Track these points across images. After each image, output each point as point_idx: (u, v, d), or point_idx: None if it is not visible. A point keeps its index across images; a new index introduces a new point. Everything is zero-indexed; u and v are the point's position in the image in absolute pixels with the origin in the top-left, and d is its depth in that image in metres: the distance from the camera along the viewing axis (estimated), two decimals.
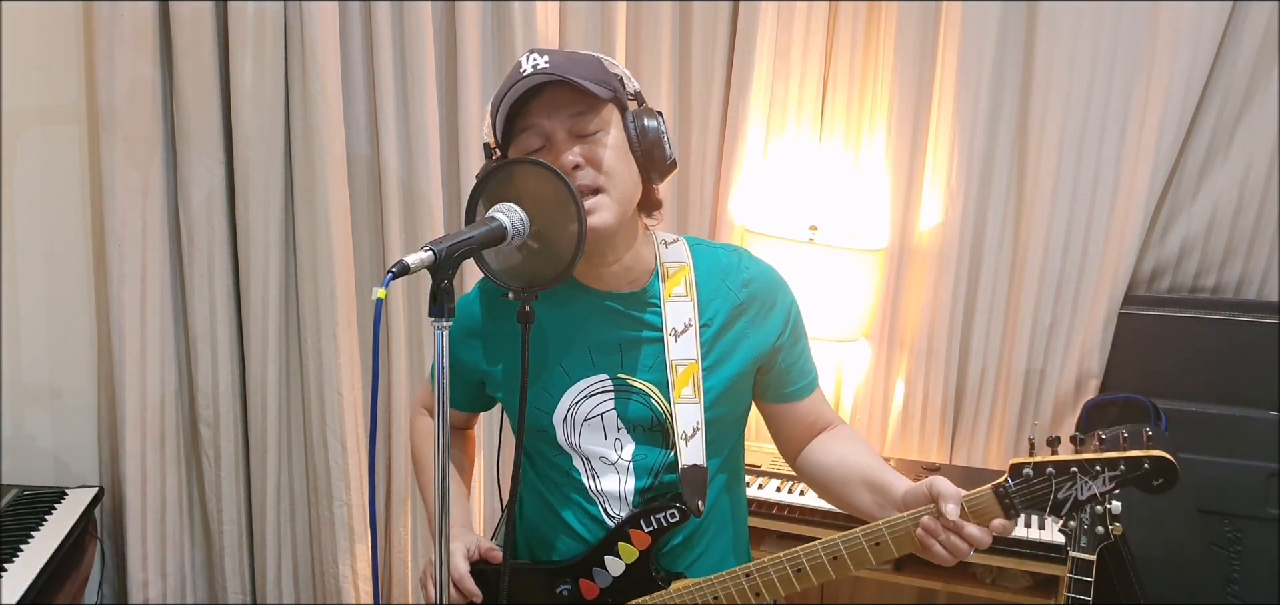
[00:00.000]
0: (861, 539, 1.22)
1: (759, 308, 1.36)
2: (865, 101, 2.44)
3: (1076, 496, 1.13)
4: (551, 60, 1.21)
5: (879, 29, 2.39)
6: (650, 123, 1.26)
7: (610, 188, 1.22)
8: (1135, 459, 1.11)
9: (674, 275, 1.34)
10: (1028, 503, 1.15)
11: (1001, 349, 2.37)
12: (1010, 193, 2.32)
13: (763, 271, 1.39)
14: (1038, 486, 1.14)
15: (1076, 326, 2.29)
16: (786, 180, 2.48)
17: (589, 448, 1.34)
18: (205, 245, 2.27)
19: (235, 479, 2.39)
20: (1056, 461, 1.13)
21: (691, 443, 1.30)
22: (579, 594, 1.36)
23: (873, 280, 2.36)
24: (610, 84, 1.25)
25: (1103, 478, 1.11)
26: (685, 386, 1.31)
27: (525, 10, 2.24)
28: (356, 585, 2.43)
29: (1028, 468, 1.14)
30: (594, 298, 1.33)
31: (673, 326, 1.32)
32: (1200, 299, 2.21)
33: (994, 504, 1.16)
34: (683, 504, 1.29)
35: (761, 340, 1.35)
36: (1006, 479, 1.16)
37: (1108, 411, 2.13)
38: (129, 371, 2.22)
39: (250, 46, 2.17)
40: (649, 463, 1.34)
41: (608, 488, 1.34)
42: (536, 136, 1.23)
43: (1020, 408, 2.37)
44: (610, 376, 1.33)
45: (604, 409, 1.33)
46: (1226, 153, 2.19)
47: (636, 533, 1.32)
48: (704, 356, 1.32)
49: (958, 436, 2.45)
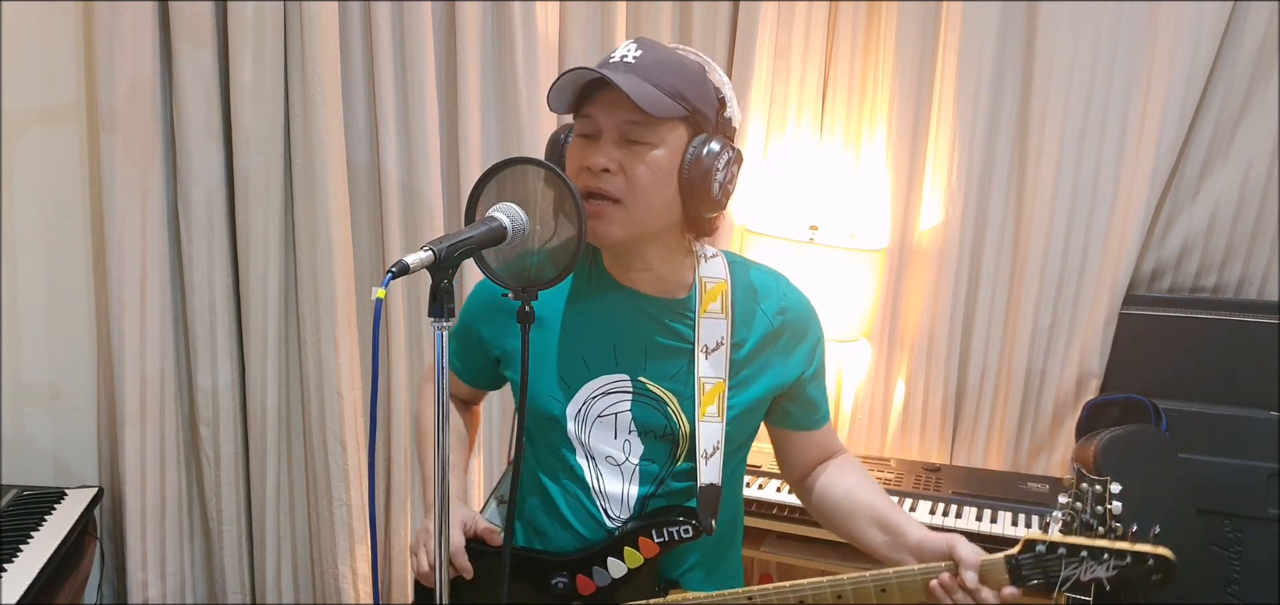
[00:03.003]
0: (869, 583, 1.25)
1: (790, 337, 1.36)
2: (865, 101, 2.44)
3: (1079, 577, 1.21)
4: (642, 57, 1.20)
5: (879, 29, 2.40)
6: (710, 151, 1.23)
7: (631, 204, 1.22)
8: (1141, 553, 1.19)
9: (711, 291, 1.34)
10: (1037, 574, 1.22)
11: (1001, 349, 2.37)
12: (1010, 193, 2.32)
13: (798, 302, 1.39)
14: (1049, 564, 1.22)
15: (1077, 326, 2.29)
16: (787, 180, 2.48)
17: (597, 446, 1.34)
18: (205, 245, 2.27)
19: (235, 479, 2.39)
20: (1069, 543, 1.21)
21: (711, 461, 1.31)
22: (575, 588, 1.35)
23: (873, 280, 2.36)
24: (691, 99, 1.22)
25: (1108, 564, 1.20)
26: (711, 405, 1.31)
27: (525, 10, 2.24)
28: (356, 585, 2.42)
29: (1041, 545, 1.22)
30: (627, 297, 1.33)
31: (706, 343, 1.32)
32: (1200, 299, 2.21)
33: (1005, 573, 1.22)
34: (697, 521, 1.30)
35: (788, 370, 1.36)
36: (1020, 551, 1.22)
37: (1108, 411, 2.13)
38: (129, 371, 2.22)
39: (250, 46, 2.17)
40: (655, 470, 1.33)
41: (611, 489, 1.34)
42: (590, 125, 1.24)
43: (1020, 408, 2.36)
44: (631, 378, 1.33)
45: (619, 409, 1.33)
46: (1226, 153, 2.19)
47: (646, 541, 1.32)
48: (731, 377, 1.32)
49: (958, 436, 2.45)
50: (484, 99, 2.31)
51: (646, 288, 1.32)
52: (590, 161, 1.22)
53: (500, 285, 1.13)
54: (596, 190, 1.22)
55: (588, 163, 1.22)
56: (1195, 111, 2.16)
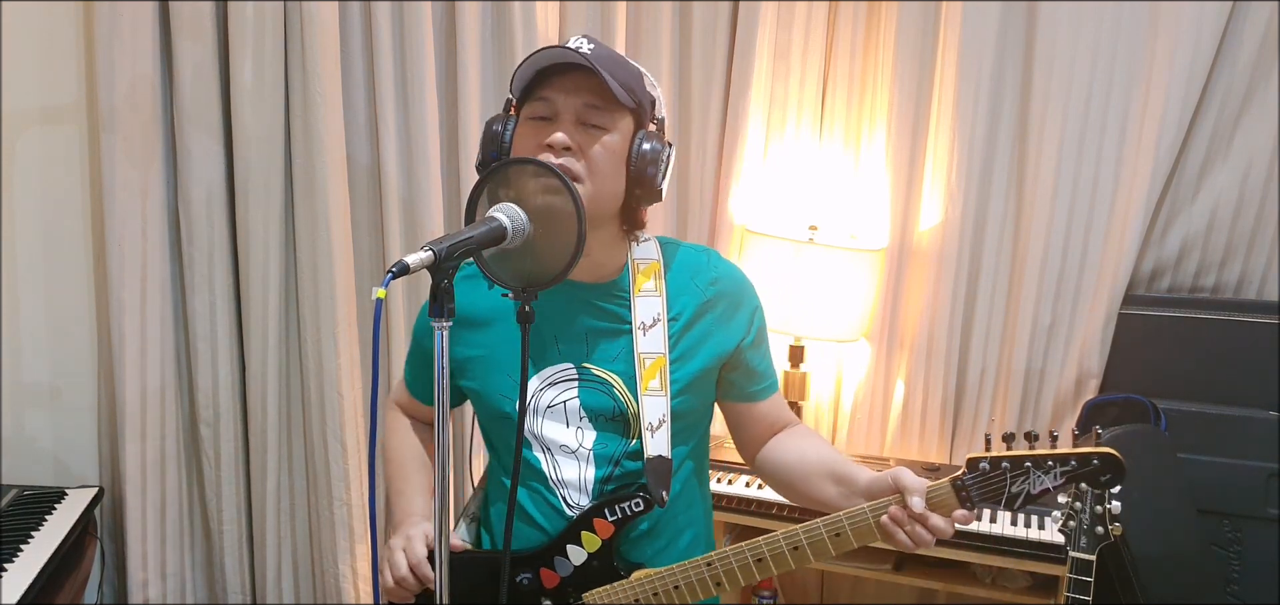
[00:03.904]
0: (822, 529, 1.26)
1: (726, 306, 1.38)
2: (865, 101, 2.44)
3: (1029, 490, 1.19)
4: (595, 52, 1.25)
5: (879, 29, 2.39)
6: (654, 147, 1.28)
7: (588, 183, 1.24)
8: (1084, 454, 1.17)
9: (644, 271, 1.36)
10: (984, 495, 1.21)
11: (1001, 349, 2.37)
12: (1010, 193, 2.32)
13: (730, 272, 1.42)
14: (994, 480, 1.20)
15: (1076, 326, 2.29)
16: (786, 180, 2.48)
17: (550, 436, 1.36)
18: (205, 245, 2.27)
19: (235, 479, 2.39)
20: (1010, 456, 1.20)
21: (657, 434, 1.32)
22: (540, 583, 1.36)
23: (873, 280, 2.36)
24: (638, 97, 1.28)
25: (1054, 472, 1.18)
26: (652, 379, 1.33)
27: (525, 10, 2.24)
28: (356, 585, 2.43)
29: (984, 462, 1.20)
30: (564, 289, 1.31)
31: (642, 320, 1.34)
32: (1200, 299, 2.21)
33: (952, 496, 1.21)
34: (647, 493, 1.31)
35: (727, 339, 1.38)
36: (964, 473, 1.21)
37: (1107, 411, 2.13)
38: (129, 371, 2.22)
39: (250, 46, 2.17)
40: (609, 452, 1.35)
41: (568, 476, 1.36)
42: (546, 108, 1.26)
43: (1020, 408, 2.36)
44: (575, 365, 1.35)
45: (567, 397, 1.35)
46: (1226, 153, 2.19)
47: (600, 521, 1.33)
48: (671, 349, 1.34)
49: (958, 436, 2.45)
50: (484, 99, 2.31)
51: (582, 275, 1.33)
52: (552, 139, 1.23)
53: (500, 285, 1.13)
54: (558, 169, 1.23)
55: (548, 141, 1.24)
56: (1195, 111, 2.16)
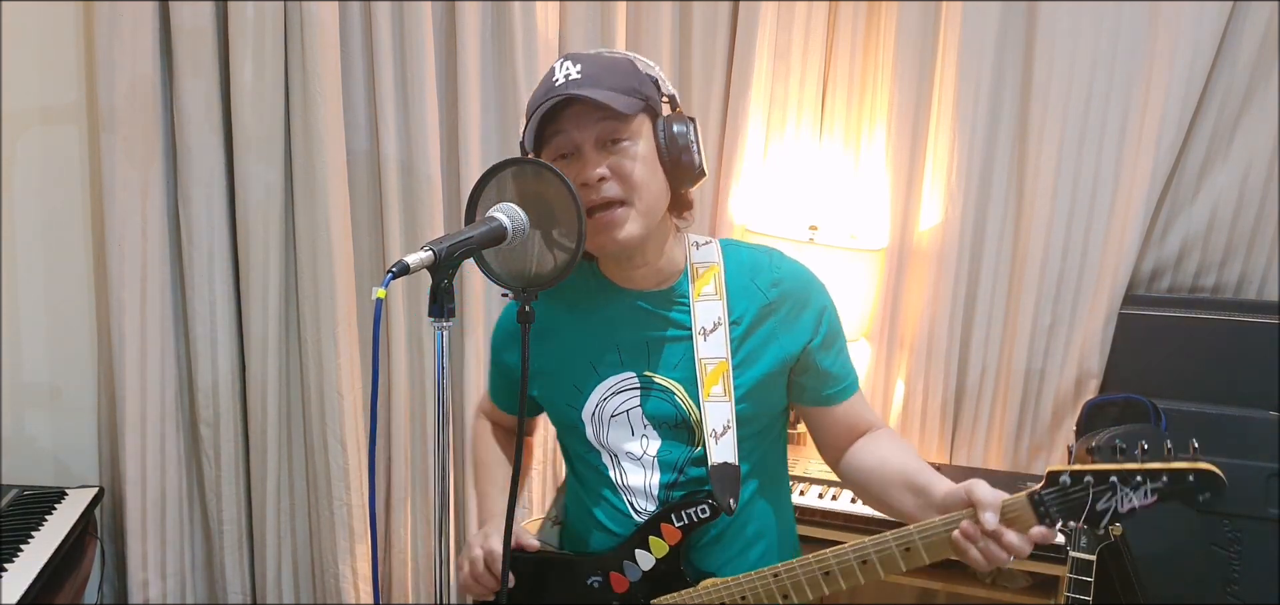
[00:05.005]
0: (892, 543, 1.19)
1: (790, 308, 1.35)
2: (865, 101, 2.44)
3: (1116, 508, 1.07)
4: (584, 70, 1.22)
5: (879, 29, 2.39)
6: (680, 129, 1.27)
7: (636, 200, 1.24)
8: (1179, 470, 1.05)
9: (703, 275, 1.35)
10: (1064, 510, 1.09)
11: (1001, 349, 2.37)
12: (1010, 193, 2.32)
13: (794, 271, 1.38)
14: (1075, 495, 1.09)
15: (1076, 326, 2.29)
16: (786, 180, 2.48)
17: (616, 444, 1.36)
18: (205, 245, 2.27)
19: (235, 479, 2.39)
20: (1096, 470, 1.08)
21: (722, 440, 1.31)
22: (609, 587, 1.37)
23: (873, 280, 2.36)
24: (642, 90, 1.26)
25: (1144, 489, 1.06)
26: (715, 384, 1.31)
27: (525, 10, 2.24)
28: (356, 585, 2.43)
29: (1065, 476, 1.09)
30: (626, 298, 1.35)
31: (702, 325, 1.33)
32: (1200, 299, 2.21)
33: (1029, 512, 1.12)
34: (714, 500, 1.30)
35: (792, 341, 1.35)
36: (1043, 486, 1.11)
37: (1108, 411, 2.13)
38: (129, 371, 2.22)
39: (250, 46, 2.17)
40: (674, 458, 1.35)
41: (634, 483, 1.36)
42: (566, 144, 1.25)
43: (1020, 408, 2.36)
44: (637, 374, 1.35)
45: (630, 406, 1.35)
46: (1226, 153, 2.19)
47: (667, 527, 1.33)
48: (733, 354, 1.32)
49: (958, 436, 2.45)
50: (484, 99, 2.31)
51: (643, 284, 1.34)
52: (584, 177, 1.23)
53: (500, 285, 1.14)
54: (599, 201, 1.24)
55: (582, 179, 1.23)
56: (1195, 111, 2.16)
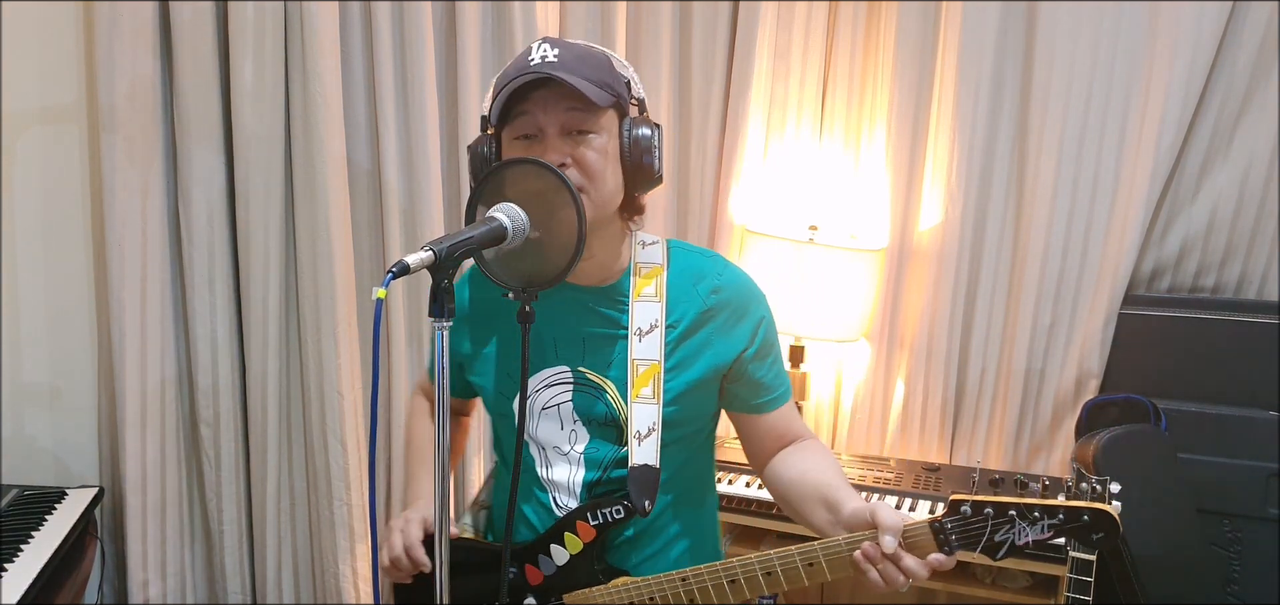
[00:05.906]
0: (796, 558, 1.20)
1: (728, 316, 1.35)
2: (865, 101, 2.44)
3: (1014, 541, 1.10)
4: (560, 54, 1.22)
5: (879, 29, 2.40)
6: (644, 133, 1.27)
7: (591, 191, 1.24)
8: (1075, 509, 1.08)
9: (646, 275, 1.35)
10: (964, 540, 1.12)
11: (1001, 349, 2.37)
12: (1010, 193, 2.32)
13: (736, 280, 1.38)
14: (975, 525, 1.11)
15: (1076, 326, 2.29)
16: (786, 180, 2.48)
17: (545, 437, 1.37)
18: (205, 245, 2.27)
19: (235, 479, 2.40)
20: (996, 502, 1.11)
21: (645, 442, 1.31)
22: (525, 579, 1.37)
23: (873, 280, 2.36)
24: (614, 87, 1.25)
25: (1041, 524, 1.09)
26: (645, 386, 1.32)
27: (525, 10, 2.24)
28: (356, 585, 2.43)
29: (966, 506, 1.12)
30: (567, 291, 1.33)
31: (639, 326, 1.33)
32: (1200, 299, 2.21)
33: (930, 538, 1.14)
34: (629, 501, 1.30)
35: (727, 349, 1.35)
36: (945, 514, 1.13)
37: (1108, 411, 2.13)
38: (129, 371, 2.22)
39: (250, 46, 2.17)
40: (600, 456, 1.35)
41: (558, 477, 1.36)
42: (530, 125, 1.25)
43: (1020, 408, 2.37)
44: (571, 368, 1.35)
45: (561, 400, 1.35)
46: (1226, 153, 2.19)
47: (583, 524, 1.33)
48: (667, 358, 1.32)
49: (958, 436, 2.45)
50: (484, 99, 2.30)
51: (586, 279, 1.33)
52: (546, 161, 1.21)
53: (500, 285, 1.13)
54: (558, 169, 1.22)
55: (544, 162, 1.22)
56: (1195, 111, 2.16)
